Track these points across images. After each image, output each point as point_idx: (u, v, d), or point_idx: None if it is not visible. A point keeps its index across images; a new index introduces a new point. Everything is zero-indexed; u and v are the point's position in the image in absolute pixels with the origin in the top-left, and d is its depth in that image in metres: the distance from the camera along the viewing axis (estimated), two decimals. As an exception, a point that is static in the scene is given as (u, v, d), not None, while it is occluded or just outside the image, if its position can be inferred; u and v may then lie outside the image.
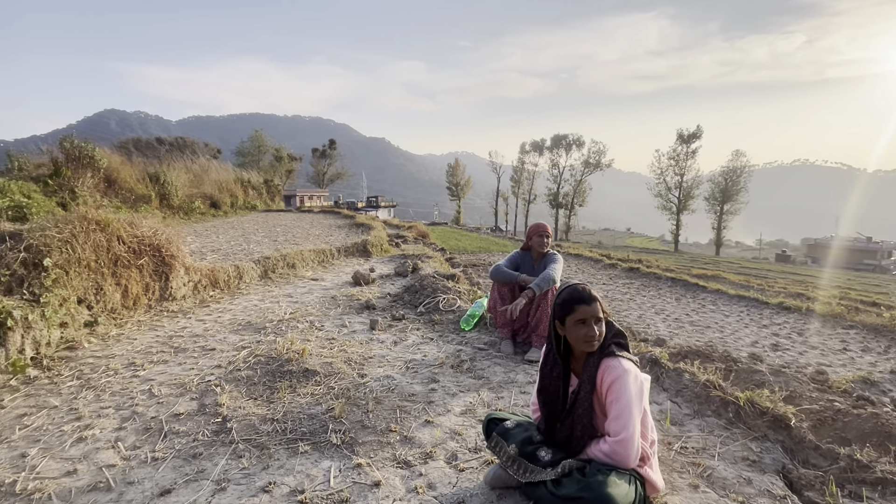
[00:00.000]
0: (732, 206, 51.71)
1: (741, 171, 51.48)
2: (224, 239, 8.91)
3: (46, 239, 3.42)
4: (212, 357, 3.15)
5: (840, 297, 12.67)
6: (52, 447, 2.05)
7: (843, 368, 5.13)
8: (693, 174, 52.15)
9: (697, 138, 51.94)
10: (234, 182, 20.51)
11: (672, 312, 7.49)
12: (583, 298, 1.67)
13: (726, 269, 27.39)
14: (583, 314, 1.66)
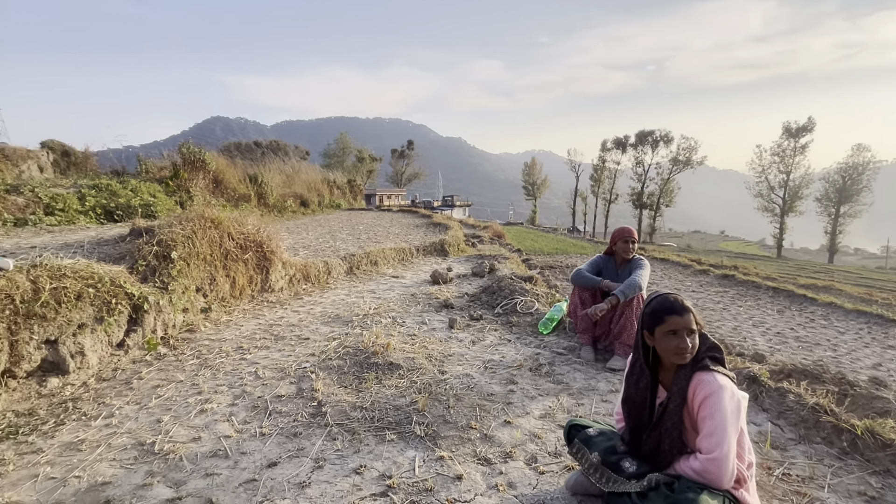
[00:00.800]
0: (851, 207, 45.52)
1: (864, 168, 45.13)
2: (313, 236, 9.56)
3: (173, 234, 3.93)
4: (306, 346, 3.43)
5: None
6: (181, 416, 2.37)
7: None
8: (802, 172, 46.62)
9: (808, 132, 46.22)
10: (321, 182, 21.88)
11: (773, 326, 6.82)
12: (674, 309, 1.61)
13: (842, 279, 24.20)
14: (674, 325, 1.60)
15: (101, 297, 2.99)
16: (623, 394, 1.74)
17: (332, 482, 1.84)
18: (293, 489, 1.80)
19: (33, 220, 6.04)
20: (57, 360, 2.72)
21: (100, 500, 1.73)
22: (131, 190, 8.40)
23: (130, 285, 3.24)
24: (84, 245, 4.36)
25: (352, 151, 50.63)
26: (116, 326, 3.07)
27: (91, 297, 2.93)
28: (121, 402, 2.52)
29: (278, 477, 1.87)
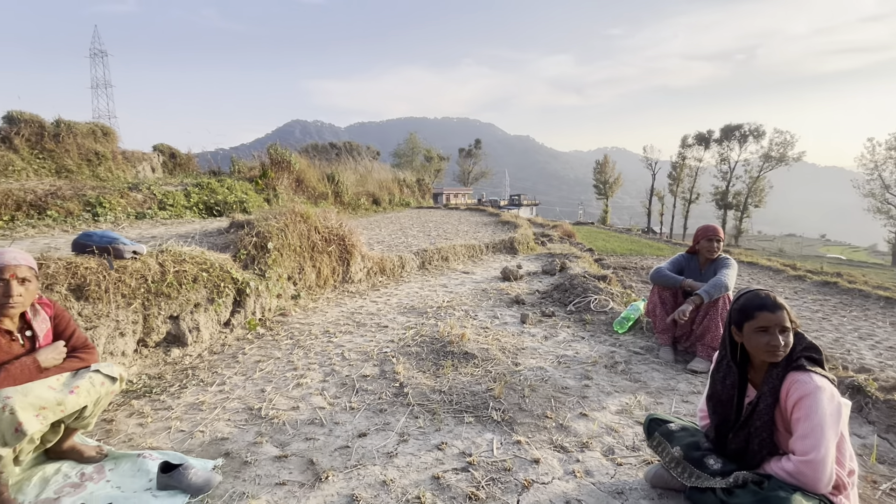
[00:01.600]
0: None
1: None
2: (385, 232, 9.97)
3: (269, 227, 4.33)
4: (386, 333, 3.64)
5: None
6: (280, 388, 2.65)
7: None
8: (927, 168, 40.75)
9: (934, 122, 40.27)
10: (391, 181, 22.63)
11: (885, 339, 6.11)
12: (765, 305, 1.57)
13: (973, 291, 20.88)
14: (764, 321, 1.56)
15: (212, 280, 3.39)
16: (708, 390, 1.72)
17: (417, 455, 1.98)
18: (382, 458, 1.96)
19: (150, 214, 6.87)
20: (178, 333, 3.13)
21: (221, 452, 2.00)
22: (227, 188, 9.25)
23: (235, 271, 3.63)
24: (194, 236, 4.92)
25: (420, 151, 51.73)
26: (224, 307, 3.46)
27: (204, 280, 3.33)
28: (230, 373, 2.85)
29: (368, 446, 2.05)
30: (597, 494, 1.73)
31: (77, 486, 1.77)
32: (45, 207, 5.81)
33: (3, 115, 8.19)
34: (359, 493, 1.72)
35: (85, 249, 2.85)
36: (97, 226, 5.75)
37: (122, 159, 10.41)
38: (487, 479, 1.80)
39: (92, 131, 9.39)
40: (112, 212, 6.38)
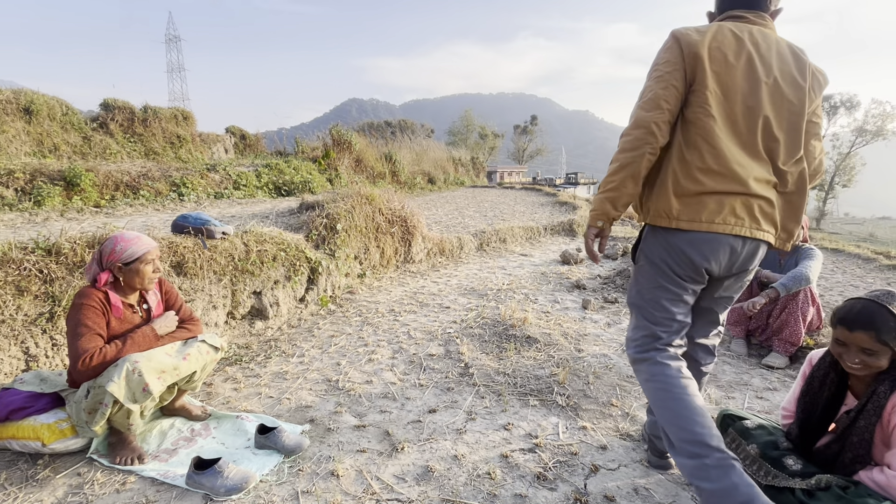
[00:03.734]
0: None
1: None
2: (442, 212, 10.09)
3: (337, 209, 4.54)
4: (448, 314, 3.76)
5: None
6: (354, 362, 2.84)
7: None
8: None
9: None
10: (446, 160, 22.67)
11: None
12: (846, 320, 1.45)
13: None
14: (841, 336, 1.48)
15: (289, 259, 3.64)
16: (803, 387, 1.67)
17: (485, 433, 2.09)
18: (452, 433, 2.08)
19: (226, 194, 7.38)
20: (260, 307, 3.41)
21: (306, 419, 2.20)
22: (293, 168, 9.70)
23: (308, 251, 3.87)
24: (269, 216, 5.26)
25: (475, 128, 51.21)
26: (299, 284, 3.71)
27: (282, 259, 3.58)
28: (307, 346, 3.09)
29: (438, 422, 2.17)
30: (665, 484, 1.75)
31: (189, 439, 2.03)
32: (138, 188, 6.40)
33: (100, 103, 9.01)
34: (432, 464, 1.85)
35: (182, 230, 3.15)
36: (182, 205, 6.26)
37: (200, 141, 11.16)
38: (555, 462, 1.87)
39: (174, 116, 10.11)
40: (194, 191, 6.91)
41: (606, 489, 1.71)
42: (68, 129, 7.89)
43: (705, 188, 1.47)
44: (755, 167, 1.48)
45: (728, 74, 1.46)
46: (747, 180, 1.46)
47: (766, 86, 1.47)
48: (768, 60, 1.48)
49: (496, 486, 1.73)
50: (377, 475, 1.79)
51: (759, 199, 1.49)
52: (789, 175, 1.51)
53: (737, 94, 1.46)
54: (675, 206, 1.50)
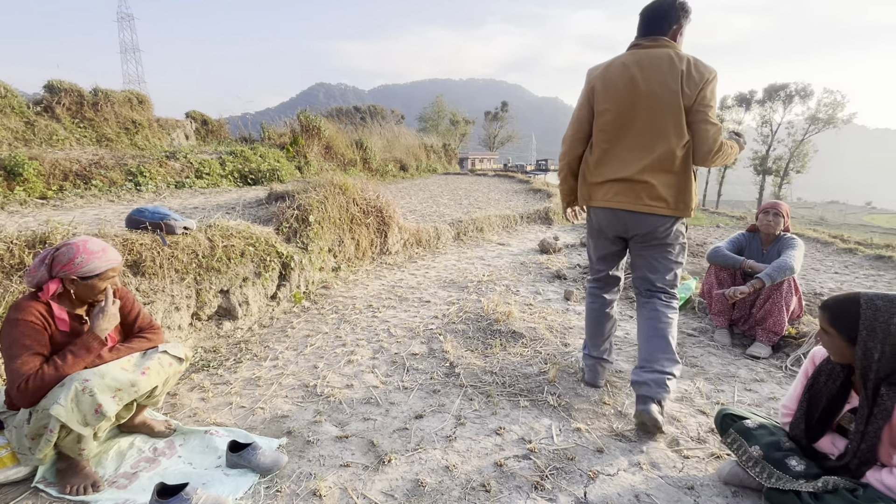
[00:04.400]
0: None
1: None
2: (416, 200, 9.89)
3: (309, 200, 4.31)
4: (429, 308, 3.63)
5: None
6: (332, 364, 2.67)
7: None
8: None
9: None
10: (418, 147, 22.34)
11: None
12: (825, 300, 1.49)
13: None
14: (820, 320, 1.47)
15: (258, 254, 3.41)
16: (808, 382, 1.62)
17: (476, 439, 1.98)
18: (441, 441, 1.96)
19: (188, 183, 6.97)
20: (229, 307, 3.18)
21: (283, 430, 2.03)
22: (259, 156, 9.27)
23: (279, 245, 3.65)
24: (235, 206, 4.96)
25: (446, 115, 50.76)
26: (270, 281, 3.49)
27: (251, 254, 3.35)
28: (281, 348, 2.90)
29: (426, 428, 2.05)
30: (666, 489, 1.69)
31: (151, 460, 1.84)
32: (90, 177, 5.94)
33: (43, 85, 8.31)
34: (423, 478, 1.73)
35: (139, 226, 2.88)
36: (140, 196, 5.86)
37: (158, 127, 10.52)
38: (551, 469, 1.78)
39: (128, 99, 9.47)
40: (153, 181, 6.49)
41: (607, 497, 1.64)
42: (7, 113, 7.25)
43: (601, 178, 2.13)
44: (638, 160, 2.01)
45: (614, 95, 2.04)
46: (630, 171, 2.03)
47: (644, 97, 1.98)
48: (648, 75, 1.97)
49: (492, 499, 1.62)
50: (363, 493, 1.65)
51: (640, 183, 2.02)
52: (675, 159, 1.97)
53: (621, 108, 2.03)
54: (587, 191, 2.21)
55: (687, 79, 1.91)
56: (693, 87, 1.91)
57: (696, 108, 1.92)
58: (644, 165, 1.99)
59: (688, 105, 1.92)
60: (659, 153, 1.97)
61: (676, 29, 2.03)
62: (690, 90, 1.91)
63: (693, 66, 1.92)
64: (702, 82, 1.91)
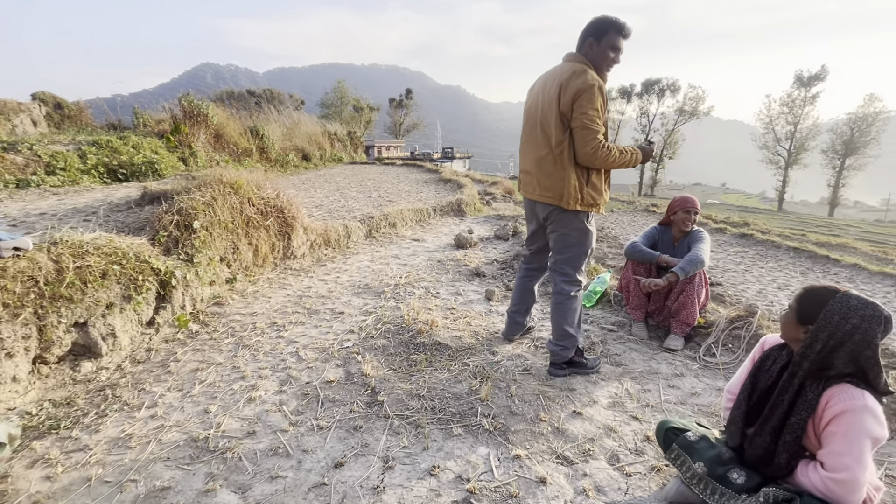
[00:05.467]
0: (857, 160, 44.75)
1: (874, 119, 43.98)
2: (322, 194, 9.26)
3: (193, 202, 3.67)
4: (343, 321, 3.27)
5: None
6: (229, 406, 2.24)
7: None
8: (810, 123, 45.45)
9: (820, 80, 44.67)
10: (321, 135, 21.17)
11: (798, 288, 6.70)
12: (807, 288, 1.50)
13: (844, 234, 24.15)
14: None
15: (126, 273, 2.79)
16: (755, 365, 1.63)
17: (407, 486, 1.72)
18: (368, 494, 1.68)
19: (35, 182, 5.73)
20: (88, 342, 2.56)
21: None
22: (133, 146, 8.00)
23: (155, 259, 3.03)
24: (97, 211, 4.11)
25: (349, 101, 49.01)
26: (145, 304, 2.89)
27: (117, 274, 2.73)
28: (161, 389, 2.38)
29: (349, 480, 1.75)
30: (615, 518, 1.58)
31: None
32: None
33: None
34: (349, 550, 1.44)
35: (-60, 249, 2.15)
36: (-38, 199, 4.66)
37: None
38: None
39: (-59, 75, 7.56)
40: (-19, 180, 5.21)
41: (558, 540, 1.48)
42: None
43: (520, 170, 2.58)
44: (533, 156, 2.41)
45: (527, 103, 2.49)
46: (529, 165, 2.44)
47: (539, 104, 2.35)
48: (546, 86, 2.31)
49: (434, 566, 1.38)
50: (274, 586, 1.32)
51: (536, 176, 2.40)
52: (555, 156, 2.28)
53: (528, 114, 2.47)
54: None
55: (565, 89, 2.18)
56: (569, 96, 2.17)
57: (574, 116, 2.19)
58: (534, 161, 2.39)
59: (567, 112, 2.20)
60: (543, 153, 2.33)
61: (590, 42, 2.25)
62: (567, 98, 2.18)
63: (574, 76, 2.17)
64: (577, 93, 2.15)
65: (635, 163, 2.33)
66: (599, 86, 2.15)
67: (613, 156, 2.22)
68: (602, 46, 2.23)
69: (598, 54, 2.24)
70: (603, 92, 2.18)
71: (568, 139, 2.23)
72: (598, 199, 2.34)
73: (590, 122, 2.15)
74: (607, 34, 2.22)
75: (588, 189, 2.30)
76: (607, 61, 2.26)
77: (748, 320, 2.88)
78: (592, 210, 2.36)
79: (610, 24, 2.22)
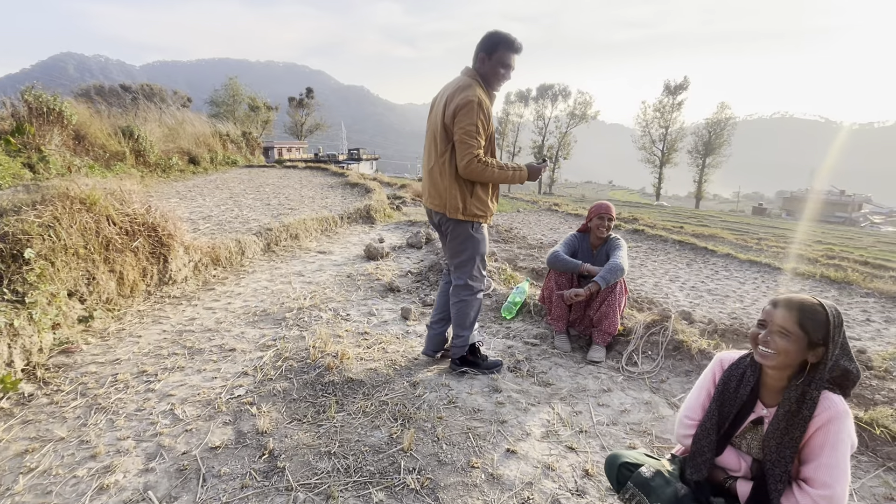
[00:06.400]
0: (714, 159, 51.89)
1: (725, 124, 51.42)
2: (212, 202, 8.27)
3: (25, 225, 2.88)
4: (234, 361, 2.76)
5: (826, 253, 12.84)
6: (70, 503, 1.68)
7: (871, 342, 5.06)
8: (678, 126, 51.94)
9: (684, 89, 51.42)
10: (211, 135, 19.29)
11: (687, 280, 7.31)
12: (776, 299, 1.35)
13: (711, 223, 27.70)
14: (764, 315, 1.36)
15: (-89, 330, 2.04)
16: (718, 388, 1.47)
17: (318, 587, 1.36)
18: None
19: None
20: None
21: None
22: (-49, 150, 6.43)
23: (-38, 305, 2.28)
24: None
25: (243, 99, 45.62)
26: (-54, 368, 2.15)
27: None
28: (-34, 490, 1.73)
29: None
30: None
31: None
32: None
33: None
34: None
35: None
36: None
37: None
38: None
39: None
40: None
41: None
42: None
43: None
44: (427, 165, 2.43)
45: (430, 113, 2.48)
46: (425, 173, 2.46)
47: (434, 114, 2.37)
48: (440, 98, 2.36)
49: None
50: None
51: (428, 184, 2.43)
52: (440, 167, 2.34)
53: (428, 123, 2.47)
54: None
55: (450, 103, 2.24)
56: (452, 110, 2.22)
57: (454, 129, 2.23)
58: (427, 171, 2.44)
59: (450, 125, 2.25)
60: (432, 163, 2.38)
61: (482, 57, 2.30)
62: (450, 112, 2.23)
63: (458, 90, 2.23)
64: (458, 108, 2.19)
65: (519, 180, 2.40)
66: (479, 101, 2.18)
67: (491, 171, 2.26)
68: (493, 62, 2.27)
69: (488, 70, 2.29)
70: (484, 107, 2.20)
71: (451, 151, 2.29)
72: (483, 211, 2.38)
73: (467, 137, 2.18)
74: (497, 50, 2.25)
75: (473, 201, 2.35)
76: (497, 77, 2.31)
77: (663, 325, 2.91)
78: (478, 220, 2.40)
79: (500, 40, 2.25)
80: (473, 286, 2.53)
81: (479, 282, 2.55)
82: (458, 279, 2.54)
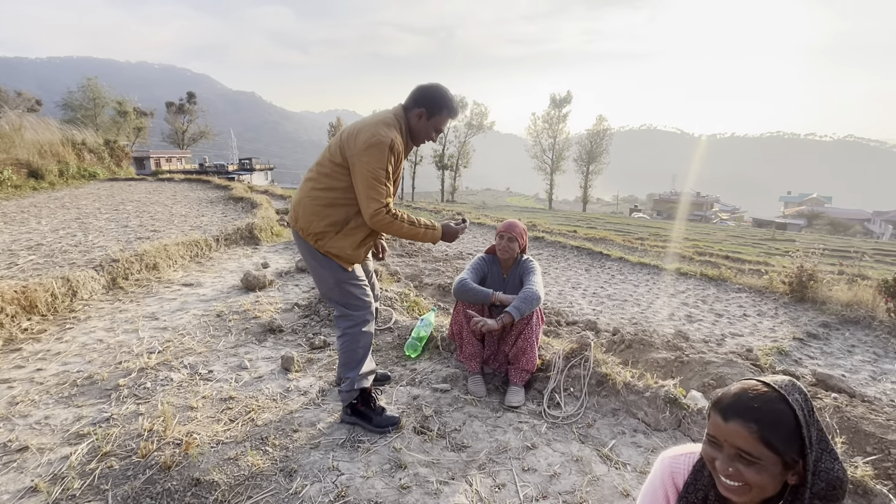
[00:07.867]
0: (596, 166, 57.16)
1: (603, 135, 56.99)
2: (49, 226, 6.69)
3: None
4: (21, 469, 1.90)
5: (695, 250, 14.38)
6: None
7: (752, 337, 5.43)
8: (564, 137, 56.47)
9: (568, 103, 56.21)
10: (61, 143, 16.32)
11: (588, 286, 7.46)
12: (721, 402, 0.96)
13: (599, 226, 30.13)
14: (714, 430, 0.97)
15: None
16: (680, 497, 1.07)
17: None
18: None
19: None
20: None
21: None
22: None
23: None
24: None
25: (108, 103, 40.07)
26: None
27: None
28: None
29: None
30: None
31: None
32: None
33: None
34: None
35: None
36: None
37: None
38: None
39: None
40: None
41: None
42: None
43: None
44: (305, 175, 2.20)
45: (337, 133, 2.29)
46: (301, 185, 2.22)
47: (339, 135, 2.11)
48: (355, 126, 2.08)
49: None
50: None
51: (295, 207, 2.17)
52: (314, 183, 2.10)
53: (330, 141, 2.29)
54: None
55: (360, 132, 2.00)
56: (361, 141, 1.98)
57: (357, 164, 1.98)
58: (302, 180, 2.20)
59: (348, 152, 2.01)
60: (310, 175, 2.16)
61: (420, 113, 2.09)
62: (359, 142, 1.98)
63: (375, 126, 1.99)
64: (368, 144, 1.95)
65: (432, 239, 2.14)
66: (392, 145, 1.95)
67: (399, 226, 2.04)
68: (429, 124, 2.10)
69: (421, 129, 2.11)
70: (395, 152, 1.98)
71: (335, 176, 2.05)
72: (341, 255, 2.08)
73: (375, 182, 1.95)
74: (440, 114, 2.10)
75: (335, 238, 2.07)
76: (426, 137, 2.14)
77: (583, 354, 2.62)
78: (333, 259, 2.08)
79: (445, 104, 2.09)
80: (354, 315, 2.15)
81: (361, 308, 2.16)
82: (335, 310, 2.21)
